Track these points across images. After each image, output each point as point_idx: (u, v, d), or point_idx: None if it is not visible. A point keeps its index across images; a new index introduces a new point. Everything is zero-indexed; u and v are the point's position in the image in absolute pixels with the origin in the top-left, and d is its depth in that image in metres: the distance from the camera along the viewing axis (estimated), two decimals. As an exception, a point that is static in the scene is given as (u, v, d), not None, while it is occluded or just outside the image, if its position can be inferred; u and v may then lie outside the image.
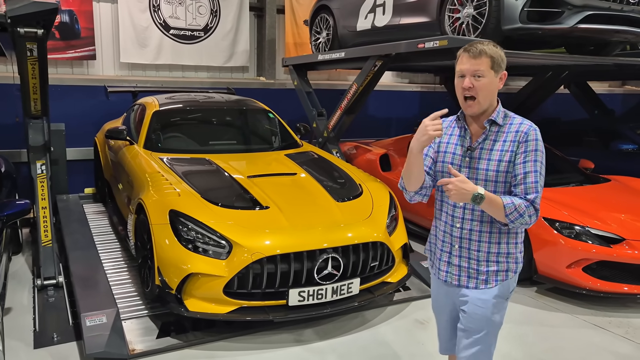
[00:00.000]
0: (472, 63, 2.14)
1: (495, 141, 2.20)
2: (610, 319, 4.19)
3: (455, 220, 2.29)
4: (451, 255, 2.33)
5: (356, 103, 6.27)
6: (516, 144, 2.16)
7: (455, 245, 2.30)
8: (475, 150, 2.23)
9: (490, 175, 2.19)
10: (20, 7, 3.52)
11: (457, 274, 2.31)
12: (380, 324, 4.00)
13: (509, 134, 2.19)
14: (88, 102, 7.22)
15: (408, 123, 9.20)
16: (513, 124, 2.21)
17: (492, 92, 2.17)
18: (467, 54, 2.15)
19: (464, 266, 2.29)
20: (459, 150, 2.27)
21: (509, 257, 2.27)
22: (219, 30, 8.42)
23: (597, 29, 4.77)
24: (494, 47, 2.16)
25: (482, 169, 2.21)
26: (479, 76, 2.13)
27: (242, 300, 3.54)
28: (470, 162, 2.24)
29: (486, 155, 2.21)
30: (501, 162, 2.18)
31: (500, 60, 2.15)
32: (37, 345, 3.54)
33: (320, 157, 5.15)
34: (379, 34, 6.12)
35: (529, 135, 2.16)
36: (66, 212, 5.73)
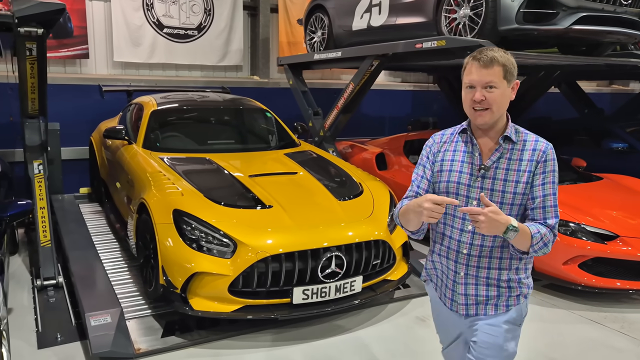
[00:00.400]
0: (483, 74, 1.93)
1: (511, 160, 2.00)
2: (605, 314, 4.28)
3: (462, 246, 2.06)
4: (456, 284, 2.11)
5: (352, 102, 6.31)
6: (534, 164, 1.98)
7: (460, 273, 2.09)
8: (489, 169, 2.01)
9: (507, 198, 1.99)
10: (28, 7, 3.51)
11: (463, 303, 2.11)
12: (382, 322, 4.04)
13: (525, 152, 2.00)
14: (82, 101, 7.18)
15: (402, 122, 9.25)
16: (528, 141, 2.02)
17: (505, 104, 1.99)
18: (477, 62, 1.95)
19: (471, 294, 2.09)
20: (467, 169, 2.04)
21: (520, 282, 2.08)
22: (212, 29, 8.41)
23: (590, 30, 4.86)
24: (505, 54, 1.97)
25: (497, 190, 1.99)
26: (491, 87, 1.94)
27: (246, 299, 3.57)
28: (483, 182, 2.01)
29: (502, 176, 2.00)
30: (519, 183, 1.98)
31: (513, 68, 1.97)
32: (40, 345, 3.54)
33: (319, 156, 5.18)
34: (375, 34, 6.16)
35: (548, 155, 1.99)
36: (62, 212, 5.70)
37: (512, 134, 2.02)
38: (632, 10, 5.05)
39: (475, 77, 1.96)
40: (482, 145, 2.06)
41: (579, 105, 9.19)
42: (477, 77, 1.95)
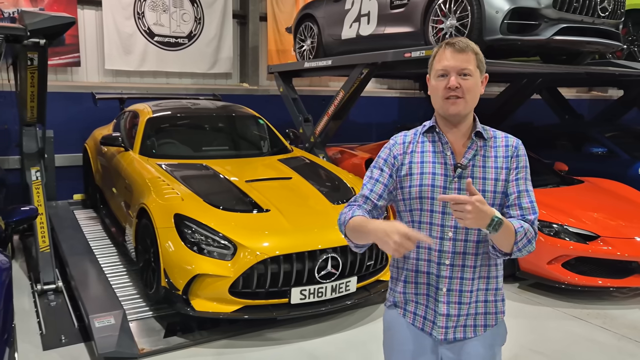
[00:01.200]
0: (459, 59, 1.79)
1: (485, 157, 1.87)
2: (588, 311, 4.48)
3: (444, 257, 1.86)
4: (438, 303, 1.89)
5: (343, 109, 6.48)
6: (509, 160, 1.88)
7: (442, 289, 1.87)
8: (467, 168, 1.85)
9: (488, 198, 1.83)
10: (40, 20, 3.62)
11: (443, 326, 1.89)
12: (376, 321, 4.19)
13: (498, 149, 1.89)
14: (73, 108, 7.25)
15: (389, 128, 9.45)
16: (497, 138, 1.92)
17: (477, 97, 1.86)
18: (452, 47, 1.82)
19: (453, 314, 1.88)
20: (441, 169, 1.86)
21: (497, 293, 1.94)
22: (202, 37, 8.54)
23: (570, 41, 5.10)
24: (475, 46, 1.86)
25: (482, 191, 1.84)
26: (466, 74, 1.80)
27: (246, 300, 3.70)
28: (460, 182, 1.84)
29: (480, 174, 1.85)
30: (498, 181, 1.85)
31: (484, 60, 1.88)
32: (45, 347, 3.62)
33: (311, 161, 5.33)
34: (364, 43, 6.34)
35: (519, 150, 1.90)
36: (58, 219, 5.76)
37: (484, 132, 1.90)
38: (609, 21, 5.30)
39: (450, 62, 1.80)
40: (453, 143, 1.88)
41: (559, 112, 9.50)
42: (452, 63, 1.80)
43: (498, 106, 8.26)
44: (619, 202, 5.41)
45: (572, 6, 4.95)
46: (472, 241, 1.85)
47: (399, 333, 2.04)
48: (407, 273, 1.95)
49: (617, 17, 5.38)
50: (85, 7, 7.71)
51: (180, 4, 8.28)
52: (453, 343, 1.92)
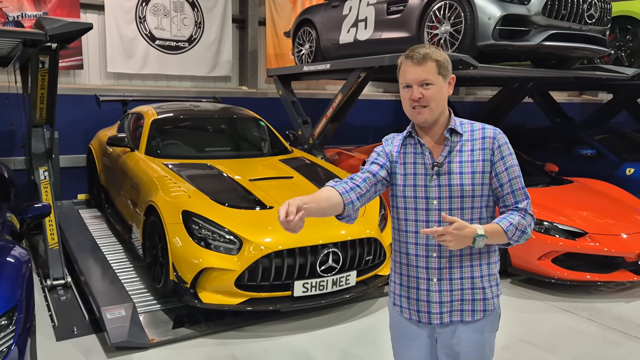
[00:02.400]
0: (418, 71, 1.93)
1: (462, 152, 1.99)
2: (576, 304, 4.69)
3: (431, 249, 2.01)
4: (430, 293, 2.03)
5: (340, 112, 6.67)
6: (487, 152, 1.98)
7: (433, 279, 2.02)
8: (442, 165, 1.98)
9: (466, 190, 1.96)
10: (60, 26, 3.79)
11: (438, 312, 2.04)
12: (375, 313, 4.38)
13: (474, 142, 2.00)
14: (77, 110, 7.41)
15: (384, 130, 9.59)
16: (475, 131, 2.02)
17: (444, 100, 1.98)
18: (410, 61, 1.94)
19: (446, 301, 2.03)
20: (421, 169, 2.02)
21: (490, 278, 2.06)
22: (202, 41, 8.73)
23: (559, 46, 5.33)
24: (437, 50, 1.97)
25: (455, 184, 1.96)
26: (427, 84, 1.93)
27: (251, 292, 3.87)
28: (439, 179, 1.98)
29: (457, 169, 1.97)
30: (475, 173, 1.96)
31: (447, 63, 1.97)
32: (59, 338, 3.78)
33: (311, 162, 5.52)
34: (361, 47, 6.55)
35: (499, 140, 2.00)
36: (64, 218, 5.91)
37: (456, 127, 2.01)
38: (596, 28, 5.54)
39: (410, 76, 1.94)
40: (429, 144, 2.03)
41: (551, 115, 9.74)
42: (411, 76, 1.94)
43: (491, 109, 8.49)
44: (607, 201, 5.63)
45: (561, 13, 5.18)
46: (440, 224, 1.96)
47: (397, 328, 2.22)
48: (401, 270, 2.11)
49: (603, 24, 5.62)
50: (88, 11, 7.88)
51: (181, 8, 8.47)
52: (448, 326, 2.06)
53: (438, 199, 1.98)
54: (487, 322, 2.08)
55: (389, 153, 2.10)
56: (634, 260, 4.84)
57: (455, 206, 1.98)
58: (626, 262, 4.86)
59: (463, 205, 1.98)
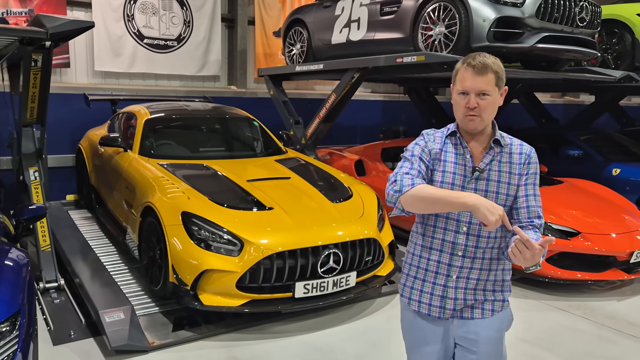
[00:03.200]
0: (478, 81, 1.97)
1: (501, 162, 2.08)
2: (570, 303, 4.76)
3: (457, 248, 2.09)
4: (447, 288, 2.13)
5: (333, 112, 6.67)
6: (521, 166, 2.08)
7: (452, 276, 2.11)
8: (483, 171, 2.07)
9: (501, 199, 2.06)
10: (62, 24, 3.70)
11: (451, 308, 2.14)
12: (374, 313, 4.39)
13: (513, 156, 2.09)
14: (63, 109, 7.26)
15: (373, 130, 9.69)
16: (513, 145, 2.12)
17: (495, 110, 2.05)
18: (472, 69, 1.98)
19: (460, 298, 2.12)
20: (460, 170, 2.09)
21: (504, 284, 2.18)
22: (191, 40, 8.64)
23: (551, 49, 5.40)
24: (496, 60, 2.02)
25: (492, 191, 2.06)
26: (484, 94, 1.98)
27: (252, 294, 3.85)
28: (477, 183, 2.07)
29: (495, 177, 2.07)
30: (511, 185, 2.07)
31: (503, 75, 2.02)
32: (55, 342, 3.71)
33: (307, 162, 5.51)
34: (353, 48, 6.55)
35: (531, 158, 2.10)
36: (54, 219, 5.77)
37: (500, 138, 2.09)
38: (587, 31, 5.63)
39: (469, 84, 1.98)
40: (472, 149, 2.10)
41: (536, 116, 9.88)
42: (471, 84, 1.98)
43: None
44: (596, 201, 5.73)
45: (554, 16, 5.25)
46: (484, 237, 2.07)
47: (407, 323, 2.30)
48: (419, 263, 2.18)
49: (594, 27, 5.72)
50: (75, 8, 7.75)
51: (170, 7, 8.37)
52: (463, 322, 2.15)
53: None
54: (503, 320, 2.20)
55: (431, 150, 2.14)
56: (625, 259, 4.93)
57: None
58: (617, 261, 4.95)
59: None
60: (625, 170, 7.02)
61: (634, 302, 4.87)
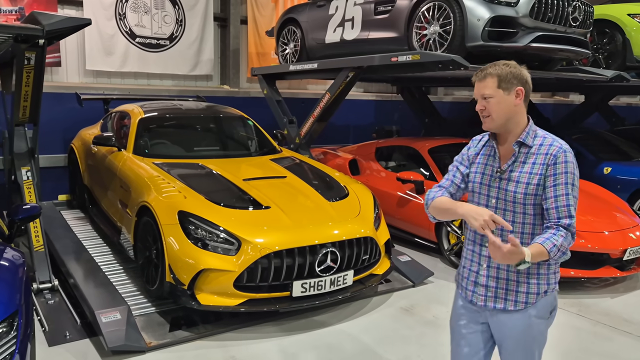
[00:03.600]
0: (479, 87, 2.22)
1: (524, 163, 2.21)
2: (564, 300, 4.79)
3: (484, 240, 2.26)
4: (478, 275, 2.31)
5: (328, 111, 6.67)
6: (545, 167, 2.16)
7: (483, 265, 2.30)
8: (505, 172, 2.24)
9: (518, 198, 2.19)
10: (58, 21, 3.66)
11: (483, 295, 2.29)
12: (371, 312, 4.39)
13: (538, 156, 2.19)
14: (55, 109, 7.19)
15: (365, 130, 9.71)
16: (543, 145, 2.19)
17: (506, 109, 2.18)
18: (476, 79, 2.25)
19: (491, 286, 2.27)
20: (488, 171, 2.30)
21: (539, 277, 2.22)
22: (184, 39, 8.59)
23: (545, 48, 5.44)
24: (504, 67, 2.19)
25: (510, 191, 2.20)
26: (486, 97, 2.19)
27: (249, 293, 3.83)
28: (500, 183, 2.25)
29: (515, 178, 2.21)
30: (529, 185, 2.17)
31: (511, 77, 2.16)
32: (51, 343, 3.67)
33: (302, 161, 5.50)
34: (347, 47, 6.55)
35: (558, 158, 2.14)
36: (46, 219, 5.67)
37: (527, 139, 2.21)
38: (580, 31, 5.68)
39: (475, 91, 2.26)
40: (502, 150, 2.28)
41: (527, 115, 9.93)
42: (476, 91, 2.25)
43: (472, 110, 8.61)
44: (589, 199, 5.76)
45: (547, 16, 5.29)
46: (506, 231, 2.16)
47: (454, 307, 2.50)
48: (465, 253, 2.42)
49: (586, 26, 5.77)
50: (66, 7, 7.66)
51: (162, 5, 8.32)
52: (494, 312, 2.29)
53: (496, 199, 2.27)
54: (533, 309, 2.24)
55: (470, 155, 2.41)
56: (618, 256, 4.97)
57: (509, 209, 2.24)
58: (611, 259, 4.99)
59: (515, 210, 2.23)
60: (616, 168, 7.09)
61: (628, 299, 4.91)
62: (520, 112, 2.22)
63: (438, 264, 5.67)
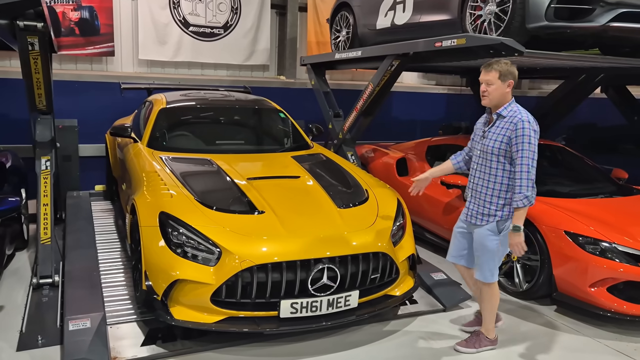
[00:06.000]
0: (484, 74, 3.33)
1: (498, 127, 3.31)
2: (636, 345, 3.81)
3: (470, 177, 3.51)
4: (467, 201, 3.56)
5: (373, 104, 6.01)
6: (509, 131, 3.23)
7: (469, 193, 3.52)
8: (486, 132, 3.37)
9: (489, 149, 3.32)
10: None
11: (468, 214, 3.52)
12: (382, 340, 3.73)
13: (506, 123, 3.27)
14: (104, 98, 7.20)
15: (433, 126, 8.86)
16: (512, 116, 3.26)
17: (500, 94, 3.29)
18: (483, 68, 3.34)
19: (472, 208, 3.48)
20: (480, 132, 3.45)
21: (497, 206, 3.34)
22: (239, 27, 8.30)
23: (631, 28, 4.39)
24: (504, 65, 3.26)
25: (487, 145, 3.33)
26: (489, 84, 3.30)
27: (231, 310, 3.34)
28: (483, 140, 3.38)
29: (490, 136, 3.33)
30: (496, 141, 3.29)
31: (508, 73, 3.25)
32: (20, 347, 3.42)
33: (328, 159, 4.91)
34: (398, 33, 5.85)
35: (517, 125, 3.20)
36: (74, 209, 5.67)
37: (503, 112, 3.30)
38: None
39: (481, 77, 3.36)
40: (490, 119, 3.39)
41: (628, 113, 8.51)
42: (482, 77, 3.35)
43: (550, 105, 7.47)
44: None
45: (634, -12, 4.25)
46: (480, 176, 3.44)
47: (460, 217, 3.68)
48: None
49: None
50: (121, -5, 7.64)
51: (217, -7, 8.06)
52: (473, 226, 3.48)
53: (480, 150, 3.41)
54: (490, 227, 3.39)
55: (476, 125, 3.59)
56: None
57: (486, 157, 3.35)
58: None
59: (492, 159, 3.32)
60: None
61: None
62: (507, 95, 3.32)
63: (485, 285, 4.84)
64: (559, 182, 5.51)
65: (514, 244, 3.22)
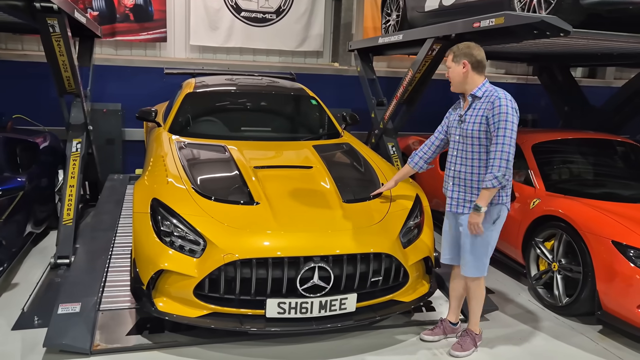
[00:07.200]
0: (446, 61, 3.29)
1: (474, 109, 3.15)
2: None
3: (451, 165, 3.30)
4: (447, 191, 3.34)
5: (414, 92, 5.57)
6: (486, 111, 3.06)
7: (450, 182, 3.31)
8: (463, 116, 3.21)
9: (467, 132, 3.15)
10: None
11: (450, 204, 3.31)
12: (384, 349, 3.39)
13: (483, 103, 3.11)
14: (154, 84, 7.28)
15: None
16: (488, 96, 3.10)
17: (457, 76, 3.19)
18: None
19: (454, 197, 3.28)
20: (456, 117, 3.28)
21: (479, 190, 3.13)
22: (292, 12, 8.09)
23: None
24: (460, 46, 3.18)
25: (465, 129, 3.17)
26: (448, 68, 3.22)
27: (216, 305, 3.16)
28: (460, 125, 3.21)
29: (468, 119, 3.16)
30: (475, 124, 3.12)
31: (461, 54, 3.15)
32: (16, 326, 3.45)
33: (351, 149, 4.58)
34: (447, 14, 5.36)
35: (494, 103, 3.03)
36: (109, 192, 5.76)
37: (477, 92, 3.15)
38: None
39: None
40: (465, 104, 3.24)
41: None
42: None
43: (625, 98, 6.60)
44: None
45: None
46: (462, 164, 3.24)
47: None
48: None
49: None
50: (172, -19, 7.67)
51: (269, -23, 7.90)
52: (457, 215, 3.29)
53: (459, 136, 3.23)
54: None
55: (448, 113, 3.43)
56: None
57: (467, 142, 3.18)
58: None
59: (473, 142, 3.15)
60: None
61: None
62: (470, 77, 3.16)
63: (521, 294, 4.33)
64: (624, 184, 4.85)
65: (471, 222, 3.07)
